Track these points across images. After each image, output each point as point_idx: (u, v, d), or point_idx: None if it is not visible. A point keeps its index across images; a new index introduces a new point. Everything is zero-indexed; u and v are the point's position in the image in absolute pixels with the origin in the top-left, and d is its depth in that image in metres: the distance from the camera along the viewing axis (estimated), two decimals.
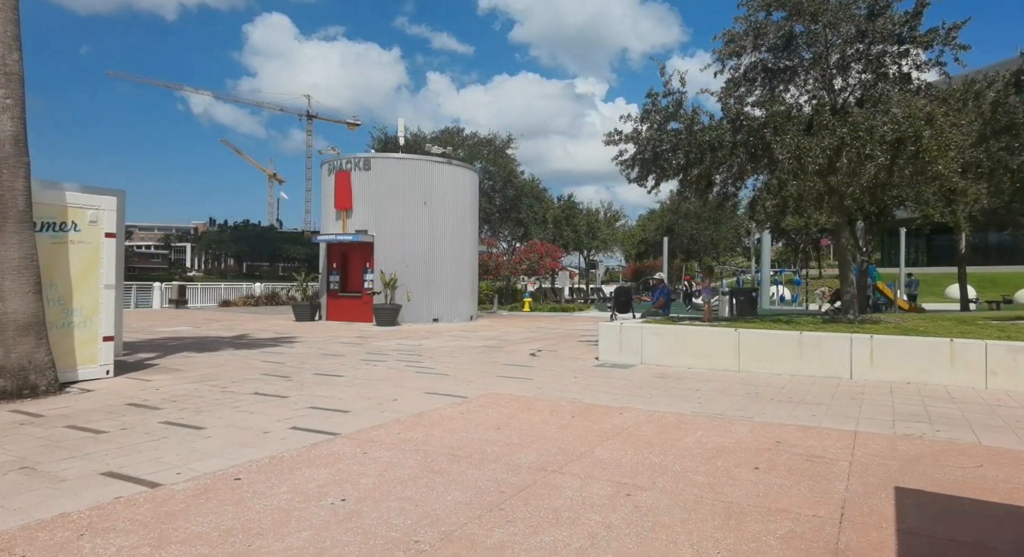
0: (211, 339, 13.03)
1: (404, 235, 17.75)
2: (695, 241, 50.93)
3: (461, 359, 10.18)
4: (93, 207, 7.59)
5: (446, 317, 18.33)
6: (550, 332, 15.56)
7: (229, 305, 26.95)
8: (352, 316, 18.12)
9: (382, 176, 17.73)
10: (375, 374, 8.48)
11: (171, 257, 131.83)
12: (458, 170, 18.96)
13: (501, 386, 7.58)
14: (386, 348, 11.75)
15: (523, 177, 28.42)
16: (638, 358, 9.81)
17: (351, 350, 11.34)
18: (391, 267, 17.44)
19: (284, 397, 6.76)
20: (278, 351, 11.07)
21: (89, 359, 7.54)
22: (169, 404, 6.29)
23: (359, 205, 17.86)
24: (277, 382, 7.75)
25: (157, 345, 11.71)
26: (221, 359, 9.87)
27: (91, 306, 7.56)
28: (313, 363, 9.52)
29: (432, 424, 5.49)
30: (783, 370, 8.77)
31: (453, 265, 18.58)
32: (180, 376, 8.09)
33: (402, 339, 13.54)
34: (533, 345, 12.41)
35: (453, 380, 8.01)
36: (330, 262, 18.72)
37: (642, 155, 10.44)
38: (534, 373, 8.72)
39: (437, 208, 18.15)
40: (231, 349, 11.28)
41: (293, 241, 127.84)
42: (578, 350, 11.61)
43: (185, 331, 14.93)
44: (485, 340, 13.41)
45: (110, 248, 7.78)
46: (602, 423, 5.60)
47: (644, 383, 7.95)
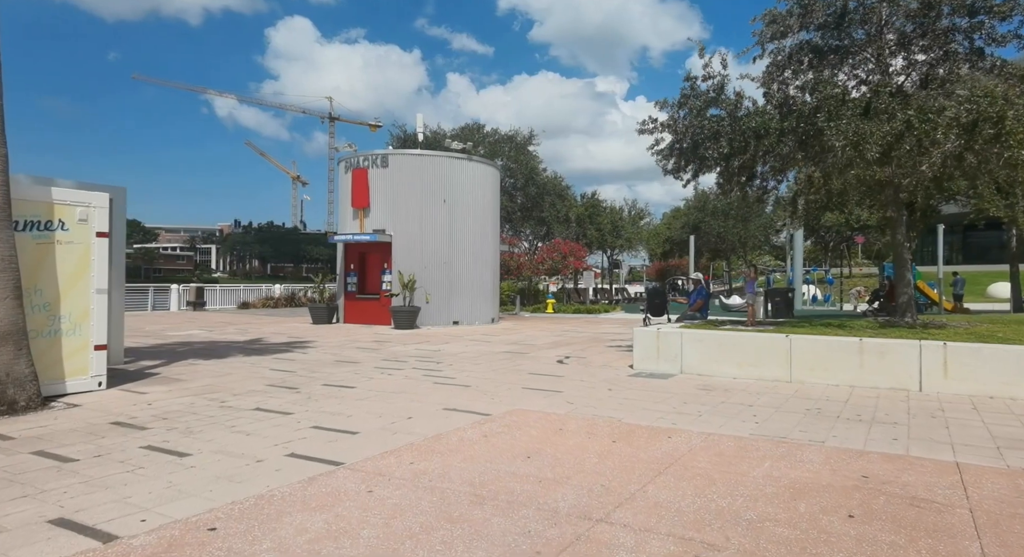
0: (222, 344, 12.47)
1: (423, 234, 17.07)
2: (722, 239, 49.50)
3: (483, 367, 9.42)
4: (82, 204, 6.98)
5: (467, 320, 17.61)
6: (576, 336, 14.73)
7: (248, 307, 26.59)
8: (370, 318, 17.50)
9: (400, 173, 17.07)
10: (390, 385, 7.75)
11: (196, 259, 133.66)
12: (478, 166, 18.21)
13: (528, 400, 6.80)
14: (403, 354, 11.05)
15: (545, 174, 27.60)
16: (677, 367, 8.95)
17: (366, 356, 10.66)
18: (410, 268, 16.77)
19: (287, 413, 6.07)
20: (290, 357, 10.43)
21: (79, 370, 6.94)
22: (158, 423, 5.63)
23: (377, 204, 17.23)
24: (283, 395, 7.07)
25: (164, 351, 11.16)
26: (228, 367, 9.25)
27: (81, 312, 6.96)
28: (324, 372, 8.85)
29: (451, 450, 4.73)
30: (841, 380, 7.84)
31: (474, 265, 17.85)
32: (179, 388, 7.46)
33: (420, 344, 12.83)
34: (560, 351, 11.60)
35: (474, 393, 7.25)
36: (347, 263, 18.13)
37: (680, 144, 9.56)
38: (563, 384, 7.91)
39: (457, 206, 17.43)
40: (241, 355, 10.68)
41: (316, 242, 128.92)
42: (609, 357, 10.77)
43: (198, 335, 14.43)
44: (508, 345, 12.64)
45: (102, 249, 7.17)
46: (649, 450, 4.78)
47: (688, 397, 7.09)
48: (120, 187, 9.29)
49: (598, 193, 33.38)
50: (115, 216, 9.10)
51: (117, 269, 9.19)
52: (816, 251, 62.89)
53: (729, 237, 48.66)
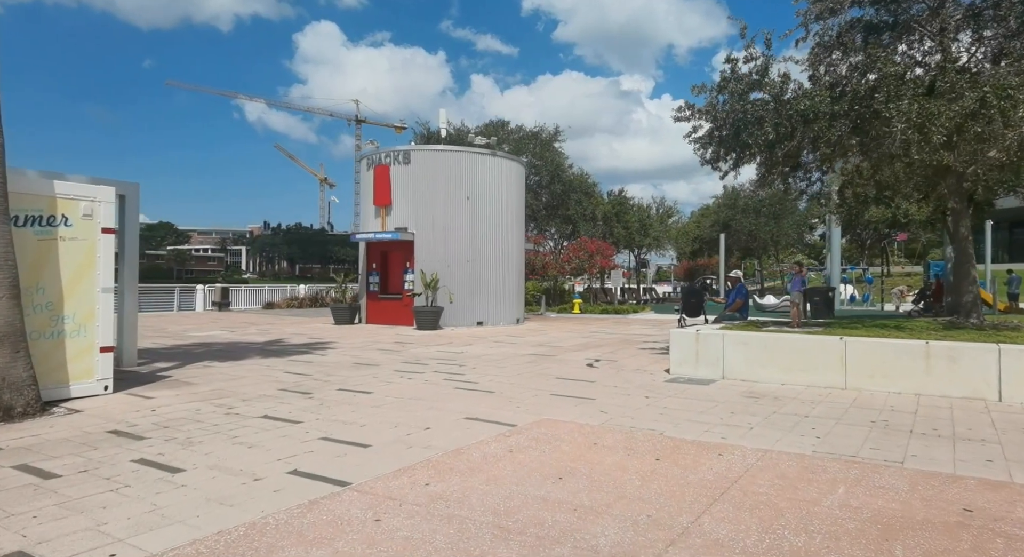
0: (241, 345, 12.16)
1: (446, 233, 16.60)
2: (754, 238, 48.09)
3: (508, 371, 8.87)
4: (87, 198, 6.63)
5: (491, 320, 17.08)
6: (606, 337, 14.09)
7: (273, 307, 26.51)
8: (392, 319, 17.10)
9: (422, 170, 16.64)
10: (408, 390, 7.25)
11: (227, 260, 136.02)
12: (503, 162, 17.67)
13: (557, 408, 6.22)
14: (425, 356, 10.56)
15: (572, 171, 26.92)
16: (718, 371, 8.27)
17: (386, 359, 10.20)
18: (432, 267, 16.32)
19: (296, 422, 5.60)
20: (307, 359, 10.03)
21: (84, 373, 6.59)
22: (158, 432, 5.21)
23: (399, 201, 16.82)
24: (294, 400, 6.62)
25: (181, 352, 10.87)
26: (242, 370, 8.87)
27: (86, 312, 6.61)
28: (341, 375, 8.40)
29: (472, 469, 4.18)
30: (903, 388, 7.08)
31: (498, 264, 17.32)
32: (188, 392, 7.06)
33: (443, 345, 12.34)
34: (589, 353, 10.98)
35: (499, 399, 6.70)
36: (369, 262, 17.77)
37: (719, 131, 8.87)
38: (595, 390, 7.31)
39: (481, 203, 16.92)
40: (258, 357, 10.32)
41: (343, 243, 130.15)
42: (642, 360, 10.12)
43: (218, 335, 14.18)
44: (534, 347, 12.06)
45: (108, 246, 6.82)
46: (698, 470, 4.17)
47: (734, 405, 6.43)
48: (132, 183, 8.99)
49: (625, 190, 32.52)
50: (127, 213, 8.81)
51: (130, 268, 8.89)
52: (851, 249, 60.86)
53: (761, 235, 47.26)
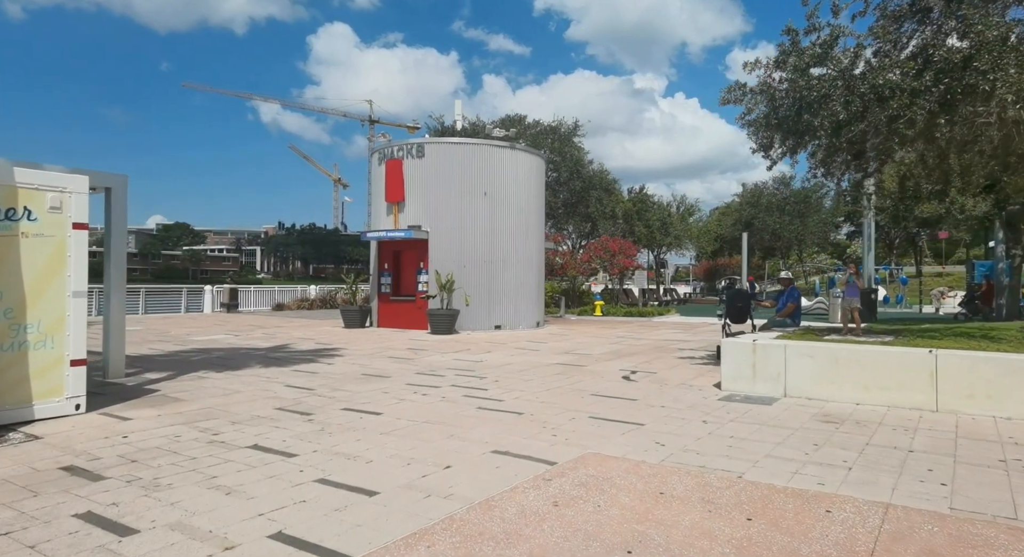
0: (243, 352, 11.28)
1: (462, 230, 15.63)
2: (777, 237, 46.65)
3: (535, 385, 7.87)
4: (55, 189, 5.73)
5: (509, 324, 16.09)
6: (636, 344, 13.03)
7: (282, 309, 25.72)
8: (405, 322, 16.16)
9: (437, 164, 15.68)
10: (423, 411, 6.27)
11: (242, 260, 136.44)
12: (522, 156, 16.66)
13: (602, 438, 5.21)
14: (440, 365, 9.59)
15: (592, 167, 25.84)
16: (779, 388, 7.20)
17: (398, 369, 9.25)
18: (447, 267, 15.36)
19: (290, 455, 4.64)
20: (311, 370, 9.10)
21: (51, 390, 5.69)
22: (121, 469, 4.27)
23: (412, 197, 15.88)
24: (292, 424, 5.67)
25: (177, 361, 10.00)
26: (239, 382, 7.96)
27: (54, 320, 5.71)
28: (348, 390, 7.45)
29: (509, 534, 3.18)
30: (1017, 413, 5.97)
31: (517, 264, 16.32)
32: (172, 411, 6.15)
33: (460, 352, 11.37)
34: (622, 363, 9.95)
35: (530, 424, 5.70)
36: (381, 262, 16.85)
37: (777, 113, 7.79)
38: (641, 411, 6.28)
39: (499, 199, 15.92)
40: (258, 366, 9.42)
41: (356, 243, 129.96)
42: (685, 372, 9.06)
43: (221, 340, 13.33)
44: (560, 355, 11.05)
45: (81, 244, 5.92)
46: (809, 538, 3.13)
47: (813, 434, 5.37)
48: (120, 174, 8.11)
49: (646, 187, 31.35)
50: (114, 207, 7.95)
51: (117, 268, 8.02)
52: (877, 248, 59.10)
53: (784, 234, 45.81)
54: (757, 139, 8.28)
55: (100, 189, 7.92)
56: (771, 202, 46.02)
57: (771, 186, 47.72)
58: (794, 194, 46.49)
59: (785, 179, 47.41)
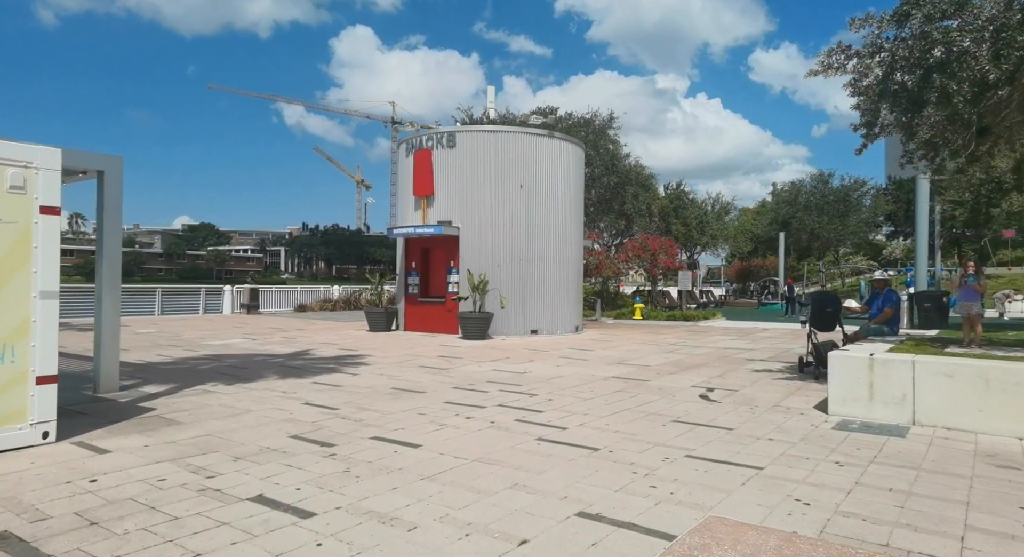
0: (258, 359, 10.16)
1: (496, 226, 14.37)
2: (815, 236, 44.64)
3: (598, 406, 6.57)
4: (15, 163, 4.60)
5: (546, 328, 14.78)
6: (693, 352, 11.64)
7: (304, 310, 24.76)
8: (433, 326, 14.96)
9: (469, 154, 14.45)
10: (471, 442, 5.01)
11: (266, 260, 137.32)
12: (561, 144, 15.33)
13: (717, 490, 3.89)
14: (480, 378, 8.34)
15: (628, 161, 24.39)
16: (906, 414, 5.80)
17: (433, 381, 8.02)
18: (480, 266, 14.12)
19: (304, 515, 3.42)
20: (334, 382, 7.92)
21: (11, 415, 4.55)
22: (70, 538, 3.08)
23: (442, 191, 14.68)
24: (309, 460, 4.45)
25: (183, 370, 8.90)
26: (250, 398, 6.80)
27: (15, 327, 4.58)
28: (376, 409, 6.23)
29: None
30: None
31: (555, 263, 15.01)
32: (164, 440, 4.98)
33: (498, 361, 10.11)
34: (690, 378, 8.59)
35: (613, 467, 4.40)
36: (408, 261, 15.68)
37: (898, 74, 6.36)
38: (746, 447, 4.94)
39: (536, 192, 14.63)
40: (274, 377, 8.27)
41: (379, 244, 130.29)
42: (769, 389, 7.68)
43: (237, 345, 12.27)
44: (612, 365, 9.72)
45: (51, 232, 4.78)
46: None
47: (997, 485, 3.98)
48: (114, 156, 7.02)
49: (684, 184, 29.77)
50: (107, 194, 6.86)
51: (111, 266, 6.92)
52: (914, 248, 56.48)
53: (824, 234, 43.76)
54: (864, 110, 6.86)
55: (91, 173, 6.84)
56: (810, 201, 44.03)
57: (809, 184, 45.75)
58: (833, 192, 44.48)
59: (824, 177, 45.42)
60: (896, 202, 53.85)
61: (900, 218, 56.37)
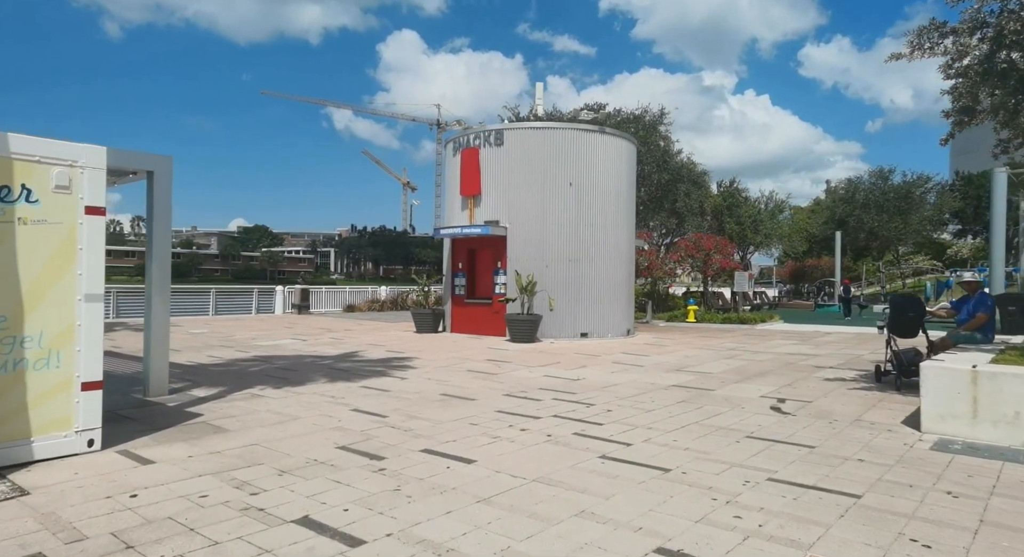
0: (308, 360, 10.07)
1: (544, 226, 13.97)
2: (874, 235, 42.35)
3: (661, 418, 6.09)
4: (61, 162, 4.48)
5: (597, 331, 14.28)
6: (756, 359, 10.96)
7: (353, 310, 24.98)
8: (480, 328, 14.68)
9: (517, 152, 14.10)
10: (528, 459, 4.63)
11: (317, 261, 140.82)
12: (612, 141, 14.80)
13: (815, 524, 3.39)
14: (531, 384, 7.96)
15: (680, 158, 23.55)
16: (1018, 435, 5.11)
17: (482, 387, 7.68)
18: (528, 266, 13.75)
19: (353, 543, 3.11)
20: (383, 386, 7.68)
21: (56, 422, 4.43)
22: None
23: (489, 190, 14.38)
24: (358, 475, 4.17)
25: (233, 372, 8.85)
26: (299, 403, 6.61)
27: (60, 331, 4.46)
28: (426, 418, 5.93)
29: None
30: None
31: (606, 263, 14.49)
32: (208, 449, 4.79)
33: (549, 366, 9.71)
34: (758, 387, 7.99)
35: (689, 491, 3.94)
36: (455, 261, 15.45)
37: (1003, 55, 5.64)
38: (834, 469, 4.39)
39: (586, 190, 14.15)
40: (323, 380, 8.10)
41: (424, 245, 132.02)
42: (846, 401, 7.02)
43: (287, 346, 12.26)
44: (671, 372, 9.18)
45: (96, 233, 4.65)
46: None
47: None
48: (164, 156, 6.96)
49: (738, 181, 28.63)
50: (157, 194, 6.80)
51: (160, 267, 6.86)
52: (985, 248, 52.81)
53: (883, 233, 41.44)
54: (960, 94, 6.14)
55: (141, 173, 6.79)
56: (868, 198, 41.78)
57: (867, 181, 43.43)
58: (894, 189, 42.09)
59: (883, 173, 43.06)
60: (964, 198, 50.72)
61: (968, 215, 53.05)
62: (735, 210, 26.78)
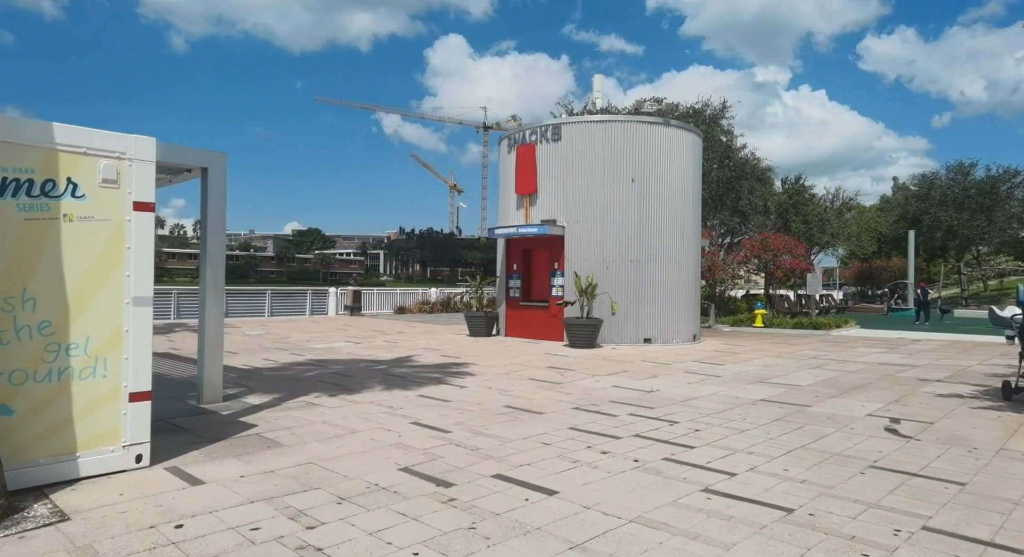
0: (362, 366, 9.71)
1: (604, 225, 13.27)
2: (953, 235, 39.50)
3: (759, 439, 5.34)
4: (108, 154, 4.13)
5: (660, 336, 13.46)
6: (847, 369, 9.96)
7: (404, 312, 24.85)
8: (536, 332, 14.08)
9: (576, 147, 13.45)
10: (619, 495, 3.99)
11: (367, 263, 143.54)
12: (677, 134, 13.95)
13: None
14: (601, 395, 7.31)
15: (744, 153, 22.33)
16: None
17: (549, 399, 7.08)
18: (587, 268, 13.08)
19: None
20: (442, 395, 7.19)
21: (102, 436, 4.08)
22: None
23: (546, 188, 13.78)
24: (425, 509, 3.63)
25: (288, 377, 8.54)
26: (355, 414, 6.17)
27: (107, 337, 4.11)
28: (493, 435, 5.37)
29: None
30: None
31: (671, 264, 13.66)
32: (262, 469, 4.36)
33: (616, 375, 9.03)
34: (860, 402, 7.09)
35: (827, 540, 3.23)
36: (509, 263, 14.91)
37: None
38: (1003, 513, 3.59)
39: (650, 186, 13.36)
40: (379, 387, 7.68)
41: (470, 247, 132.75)
42: (977, 424, 6.08)
43: (341, 348, 12.00)
44: (754, 384, 8.36)
45: (145, 230, 4.29)
46: None
47: None
48: (218, 152, 6.67)
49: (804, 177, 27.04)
50: (211, 192, 6.50)
51: (215, 269, 6.57)
52: None
53: (964, 231, 38.58)
54: None
55: (195, 170, 6.51)
56: (946, 195, 39.00)
57: (944, 176, 40.59)
58: (976, 185, 39.17)
59: (963, 167, 40.15)
60: None
61: None
62: (801, 208, 25.25)
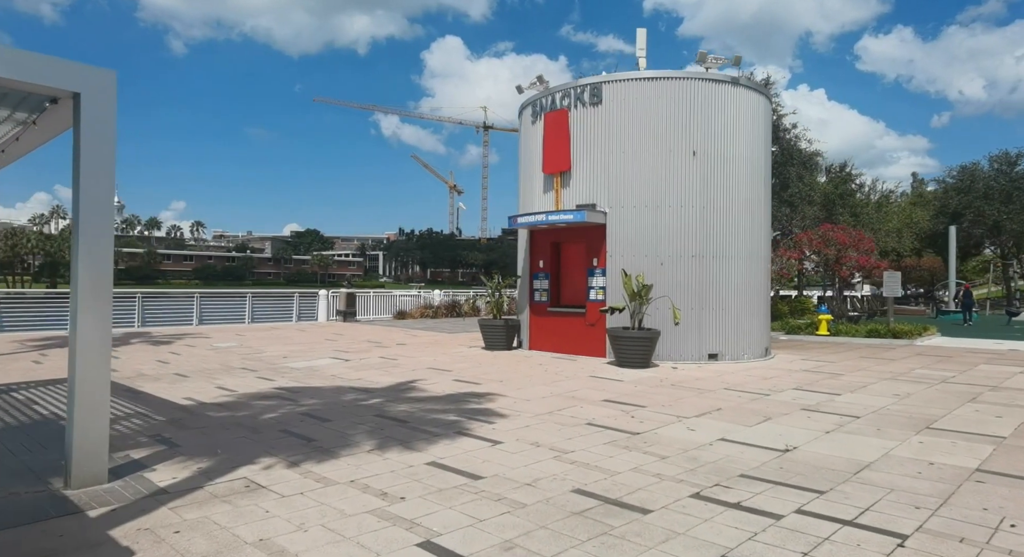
0: (347, 399, 7.04)
1: (658, 210, 10.58)
2: (998, 230, 36.65)
3: None
4: None
5: (729, 352, 10.74)
6: (959, 390, 7.25)
7: (404, 317, 22.12)
8: (569, 345, 11.40)
9: (620, 113, 10.76)
10: None
11: (366, 264, 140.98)
12: (748, 96, 11.17)
13: None
14: (711, 459, 4.63)
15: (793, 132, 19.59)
16: None
17: (638, 471, 4.40)
18: (635, 265, 10.40)
19: None
20: (465, 463, 4.52)
21: None
22: None
23: (582, 165, 11.10)
24: None
25: (239, 422, 5.86)
26: (325, 509, 3.51)
27: None
28: None
29: None
30: None
31: (739, 260, 10.95)
32: None
33: (708, 414, 6.34)
34: None
35: None
36: (534, 259, 12.22)
37: None
38: None
39: (714, 162, 10.67)
40: (366, 447, 5.01)
41: (471, 247, 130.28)
42: None
43: (324, 369, 9.33)
44: (920, 432, 5.68)
45: None
46: None
47: None
48: (101, 69, 4.01)
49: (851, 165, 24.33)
50: (85, 132, 3.87)
51: (93, 259, 3.95)
52: None
53: (1012, 226, 35.73)
54: None
55: (66, 95, 3.87)
56: (990, 188, 36.20)
57: (988, 167, 37.75)
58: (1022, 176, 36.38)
59: (1009, 157, 37.31)
60: None
61: None
62: (848, 199, 22.54)
